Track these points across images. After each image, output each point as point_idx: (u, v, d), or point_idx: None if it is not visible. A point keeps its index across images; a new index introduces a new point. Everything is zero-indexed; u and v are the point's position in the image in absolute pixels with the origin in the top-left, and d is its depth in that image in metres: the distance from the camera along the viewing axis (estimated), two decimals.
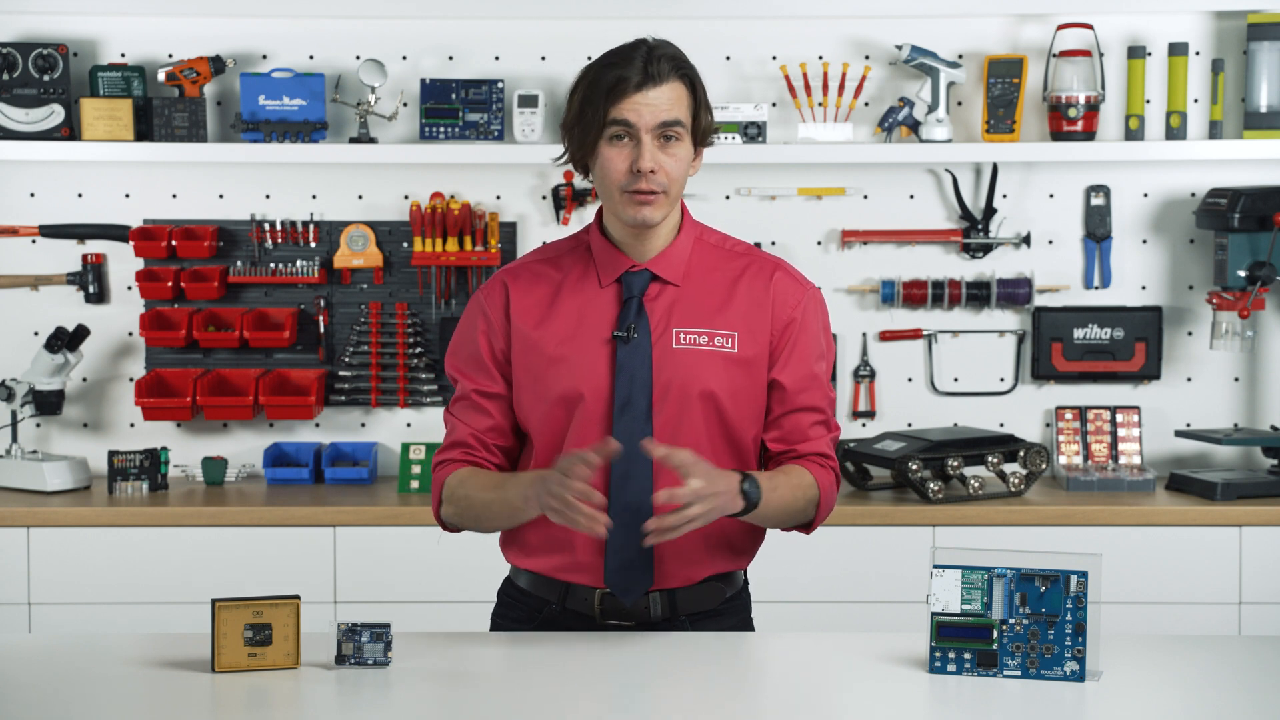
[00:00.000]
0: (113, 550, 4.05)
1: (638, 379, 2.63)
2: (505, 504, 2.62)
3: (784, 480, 2.64)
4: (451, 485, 2.70)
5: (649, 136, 2.59)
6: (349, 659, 2.46)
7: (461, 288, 4.45)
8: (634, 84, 2.58)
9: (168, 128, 4.31)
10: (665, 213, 2.64)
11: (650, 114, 2.59)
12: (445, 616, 3.90)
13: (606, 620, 2.68)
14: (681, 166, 2.63)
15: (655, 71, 2.59)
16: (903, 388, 4.50)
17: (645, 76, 2.58)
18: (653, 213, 2.62)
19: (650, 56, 2.60)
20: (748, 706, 2.38)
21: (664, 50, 2.62)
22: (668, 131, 2.60)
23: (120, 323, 4.47)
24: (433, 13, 4.38)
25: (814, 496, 2.68)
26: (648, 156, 2.59)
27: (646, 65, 2.59)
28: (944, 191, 4.46)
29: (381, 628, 2.47)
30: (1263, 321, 4.45)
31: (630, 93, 2.58)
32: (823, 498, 2.70)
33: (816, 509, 2.70)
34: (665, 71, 2.59)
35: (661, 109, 2.59)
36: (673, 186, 2.63)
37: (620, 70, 2.59)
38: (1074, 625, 2.41)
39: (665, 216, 2.65)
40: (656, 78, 2.59)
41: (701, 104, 2.64)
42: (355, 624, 2.46)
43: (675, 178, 2.62)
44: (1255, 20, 4.33)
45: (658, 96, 2.59)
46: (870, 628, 3.91)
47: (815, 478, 2.68)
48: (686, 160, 2.64)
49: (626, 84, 2.58)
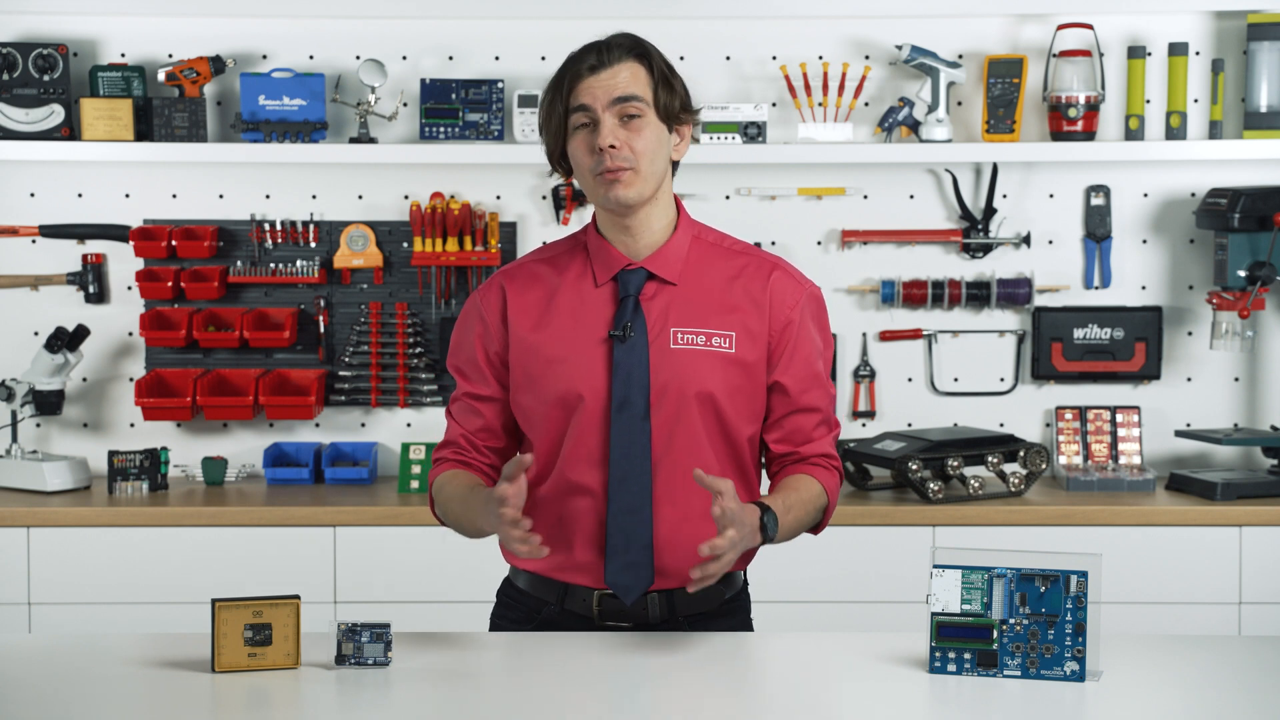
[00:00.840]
0: (113, 550, 4.05)
1: (635, 379, 2.63)
2: (470, 521, 2.65)
3: (797, 500, 2.64)
4: (438, 485, 2.74)
5: (607, 115, 2.60)
6: (349, 659, 2.46)
7: (461, 288, 4.45)
8: (587, 66, 2.62)
9: (168, 128, 4.31)
10: (641, 191, 2.62)
11: (604, 92, 2.60)
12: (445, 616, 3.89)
13: (605, 621, 2.68)
14: (649, 143, 2.62)
15: (606, 56, 2.62)
16: (903, 388, 4.50)
17: (597, 60, 2.62)
18: (624, 191, 2.61)
19: (603, 44, 2.64)
20: (748, 707, 2.38)
21: (619, 39, 2.66)
22: (627, 109, 2.60)
23: (120, 323, 4.47)
24: (433, 13, 4.38)
25: (823, 505, 2.69)
26: (606, 133, 2.60)
27: (600, 50, 2.63)
28: (944, 191, 4.46)
29: (381, 628, 2.47)
30: (1263, 321, 4.45)
31: (584, 76, 2.62)
32: (830, 502, 2.71)
33: (824, 514, 2.71)
34: (617, 55, 2.62)
35: (615, 86, 2.61)
36: (642, 161, 2.61)
37: (576, 58, 2.64)
38: (1074, 625, 2.41)
39: (643, 195, 2.63)
40: (608, 60, 2.62)
41: (661, 82, 2.64)
42: (355, 624, 2.46)
43: (643, 152, 2.61)
44: (1255, 20, 4.33)
45: (610, 76, 2.61)
46: (870, 628, 3.91)
47: (823, 484, 2.69)
48: (656, 138, 2.63)
49: (580, 69, 2.62)
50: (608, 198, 2.62)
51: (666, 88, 2.64)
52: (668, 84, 2.64)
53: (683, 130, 2.69)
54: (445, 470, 2.74)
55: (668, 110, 2.64)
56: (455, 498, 2.68)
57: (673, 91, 2.65)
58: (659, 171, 2.65)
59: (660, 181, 2.66)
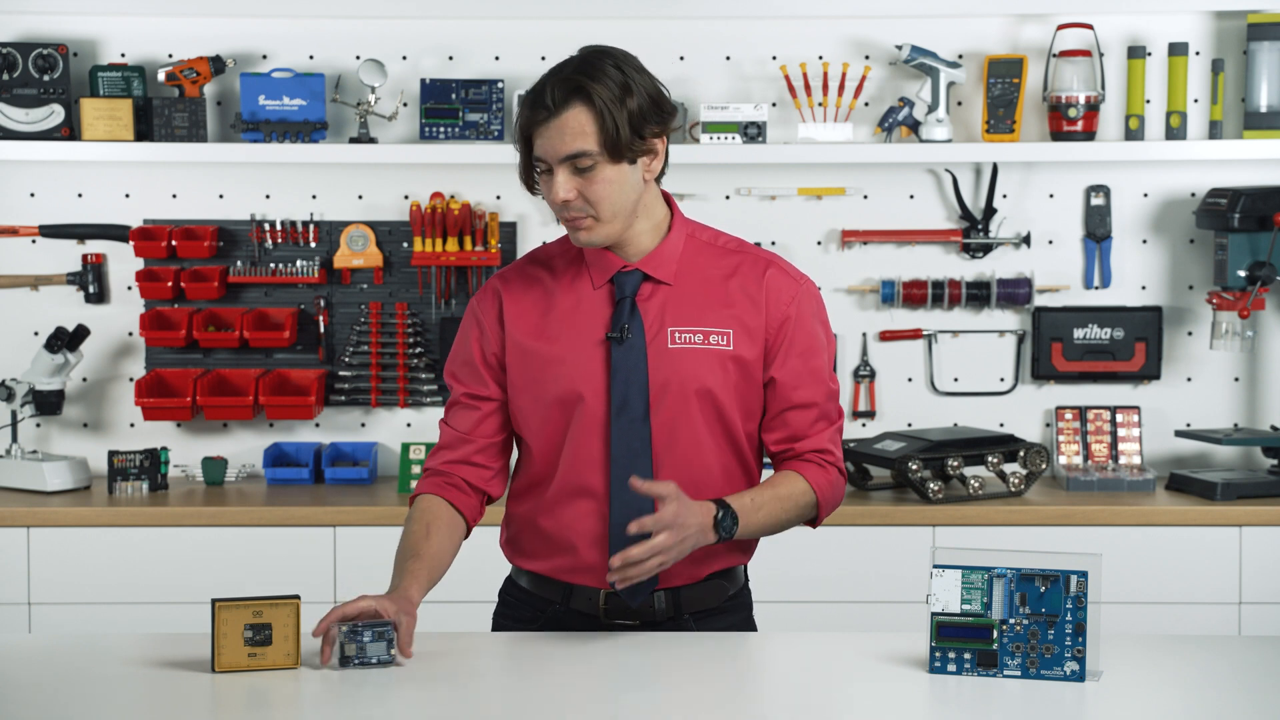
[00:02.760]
0: (113, 550, 4.04)
1: (634, 379, 2.63)
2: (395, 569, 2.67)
3: (771, 496, 2.64)
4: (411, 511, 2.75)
5: (560, 168, 2.57)
6: (352, 660, 2.46)
7: (461, 288, 4.45)
8: (540, 118, 2.56)
9: (168, 128, 4.31)
10: (606, 233, 2.62)
11: (552, 148, 2.56)
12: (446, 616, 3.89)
13: (611, 619, 2.69)
14: (608, 188, 2.58)
15: (552, 101, 2.55)
16: (903, 388, 4.50)
17: (546, 110, 2.55)
18: (587, 235, 2.61)
19: (553, 84, 2.56)
20: (748, 706, 2.38)
21: (574, 71, 2.57)
22: (576, 164, 2.57)
23: (120, 323, 4.47)
24: (433, 13, 4.38)
25: (808, 502, 2.68)
26: (560, 187, 2.57)
27: (550, 95, 2.55)
28: (944, 191, 4.46)
29: (383, 626, 2.47)
30: (1263, 321, 4.45)
31: (537, 125, 2.57)
32: (823, 497, 2.70)
33: (817, 510, 2.70)
34: (562, 100, 2.55)
35: (562, 142, 2.55)
36: (600, 209, 2.59)
37: (534, 99, 2.57)
38: (1074, 625, 2.41)
39: (610, 237, 2.62)
40: (553, 107, 2.55)
41: (608, 122, 2.54)
42: (357, 625, 2.46)
43: (599, 200, 2.58)
44: (1255, 20, 4.33)
45: (559, 128, 2.55)
46: (870, 628, 3.91)
47: (811, 482, 2.68)
48: (614, 180, 2.58)
49: (535, 119, 2.57)
50: (576, 240, 2.64)
51: (614, 126, 2.55)
52: (615, 121, 2.55)
53: (650, 150, 2.62)
54: (421, 497, 2.75)
55: (620, 149, 2.56)
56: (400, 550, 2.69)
57: (622, 126, 2.55)
58: (624, 209, 2.61)
59: (629, 215, 2.63)
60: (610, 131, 2.55)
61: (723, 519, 2.56)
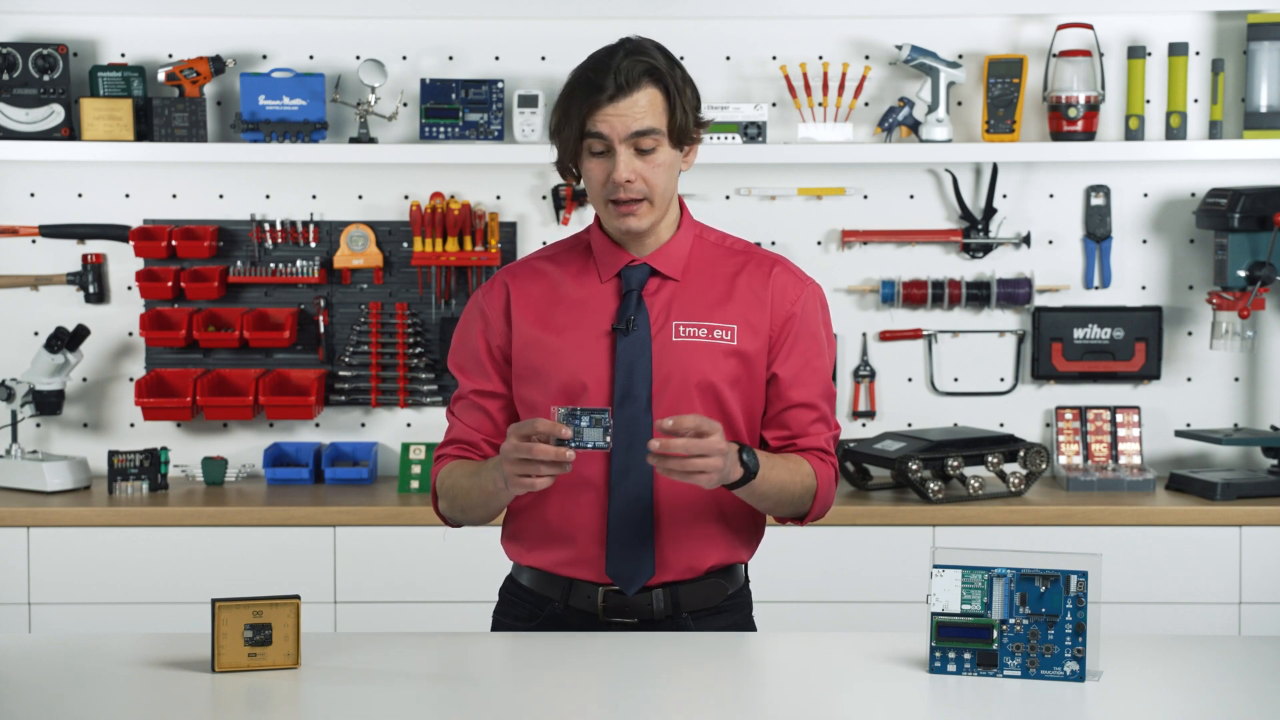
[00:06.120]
0: (113, 550, 4.05)
1: (637, 371, 2.64)
2: (481, 490, 2.64)
3: (781, 461, 2.66)
4: (441, 477, 2.74)
5: (623, 147, 2.60)
6: (568, 442, 2.46)
7: (461, 288, 4.45)
8: (606, 95, 2.59)
9: (168, 128, 4.31)
10: (652, 219, 2.65)
11: (622, 125, 2.59)
12: (446, 616, 3.90)
13: (610, 618, 2.69)
14: (663, 172, 2.63)
15: (625, 80, 2.59)
16: (903, 388, 4.50)
17: (616, 87, 2.59)
18: (637, 222, 2.64)
19: (622, 64, 2.59)
20: (748, 706, 2.38)
21: (637, 53, 2.61)
22: (641, 142, 2.60)
23: (120, 323, 4.47)
24: (433, 13, 4.38)
25: (811, 485, 2.69)
26: (623, 167, 2.60)
27: (617, 74, 2.59)
28: (944, 191, 4.46)
29: (600, 413, 2.47)
30: (1263, 321, 4.45)
31: (603, 104, 2.59)
32: (820, 490, 2.71)
33: (814, 499, 2.71)
34: (635, 79, 2.59)
35: (633, 118, 2.59)
36: (655, 193, 2.63)
37: (594, 80, 2.60)
38: (1074, 625, 2.41)
39: (654, 223, 2.66)
40: (626, 86, 2.59)
41: (677, 105, 2.62)
42: (575, 409, 2.47)
43: (655, 184, 2.63)
44: (1255, 20, 4.33)
45: (629, 106, 2.59)
46: (870, 628, 3.91)
47: (814, 468, 2.70)
48: (669, 165, 2.64)
49: (599, 95, 2.59)
50: (620, 226, 2.65)
51: (681, 109, 2.63)
52: (684, 106, 2.64)
53: (698, 140, 2.69)
54: (449, 463, 2.74)
55: (681, 134, 2.64)
56: (466, 474, 2.68)
57: (686, 111, 2.64)
58: (670, 196, 2.68)
59: (668, 205, 2.69)
60: (679, 114, 2.62)
61: (745, 456, 2.56)
